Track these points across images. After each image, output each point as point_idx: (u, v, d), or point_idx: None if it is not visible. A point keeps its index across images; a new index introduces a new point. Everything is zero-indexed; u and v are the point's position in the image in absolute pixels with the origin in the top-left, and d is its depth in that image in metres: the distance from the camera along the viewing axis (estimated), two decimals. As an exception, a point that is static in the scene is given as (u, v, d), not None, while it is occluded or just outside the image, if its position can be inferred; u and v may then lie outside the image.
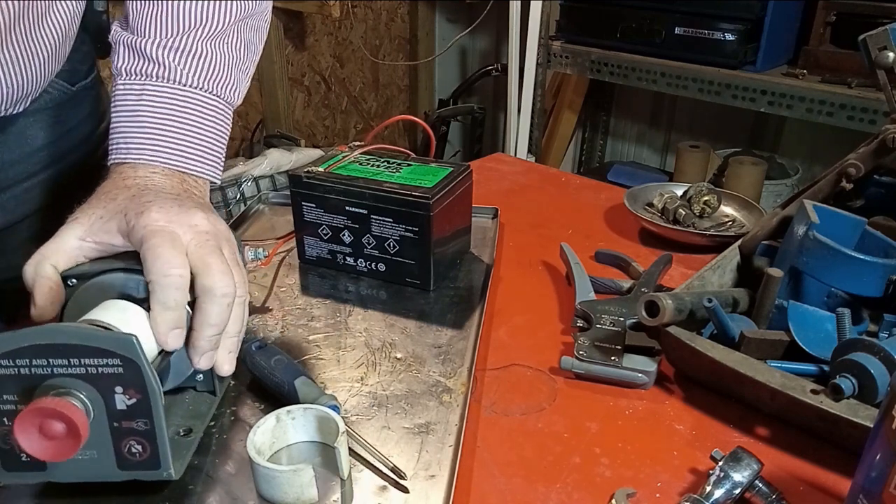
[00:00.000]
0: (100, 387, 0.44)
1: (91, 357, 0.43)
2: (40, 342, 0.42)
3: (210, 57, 0.59)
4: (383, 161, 0.79)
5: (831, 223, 0.65)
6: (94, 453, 0.45)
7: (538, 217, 0.97)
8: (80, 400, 0.43)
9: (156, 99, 0.57)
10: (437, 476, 0.50)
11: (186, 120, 0.58)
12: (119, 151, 0.56)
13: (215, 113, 0.60)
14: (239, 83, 0.63)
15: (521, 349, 0.67)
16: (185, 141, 0.57)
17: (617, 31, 1.99)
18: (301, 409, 0.53)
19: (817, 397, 0.52)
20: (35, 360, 0.43)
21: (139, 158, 0.56)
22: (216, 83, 0.60)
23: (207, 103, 0.59)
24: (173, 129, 0.57)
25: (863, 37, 0.71)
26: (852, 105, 1.62)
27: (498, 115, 2.90)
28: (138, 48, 0.58)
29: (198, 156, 0.58)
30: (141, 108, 0.57)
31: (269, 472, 0.47)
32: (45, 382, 0.43)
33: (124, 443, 0.45)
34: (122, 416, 0.44)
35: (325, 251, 0.79)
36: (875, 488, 0.39)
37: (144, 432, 0.45)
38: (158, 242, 0.48)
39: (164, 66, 0.58)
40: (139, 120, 0.57)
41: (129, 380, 0.43)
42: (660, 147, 2.53)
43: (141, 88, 0.57)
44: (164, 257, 0.47)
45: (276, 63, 2.45)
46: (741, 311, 0.66)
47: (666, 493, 0.51)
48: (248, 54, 0.65)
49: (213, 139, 0.60)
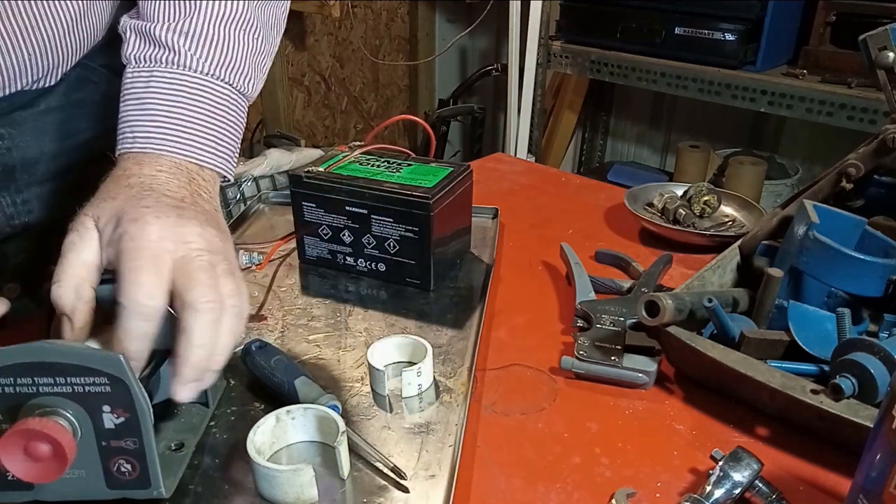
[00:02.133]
0: (87, 405, 0.42)
1: (77, 375, 0.42)
2: (25, 360, 0.41)
3: (224, 42, 0.56)
4: (383, 161, 0.79)
5: (831, 223, 0.65)
6: (82, 472, 0.44)
7: (538, 217, 0.97)
8: (67, 419, 0.42)
9: (164, 86, 0.54)
10: (437, 476, 0.50)
11: (196, 108, 0.55)
12: (125, 141, 0.54)
13: (228, 102, 0.57)
14: (255, 75, 0.59)
15: (521, 349, 0.67)
16: (194, 130, 0.54)
17: (617, 31, 1.99)
18: (301, 408, 0.53)
19: (817, 397, 0.52)
20: (20, 378, 0.41)
21: (146, 148, 0.53)
22: (230, 71, 0.57)
23: (220, 91, 0.56)
24: (182, 118, 0.54)
25: (863, 37, 0.71)
26: (852, 105, 1.62)
27: (498, 115, 2.90)
28: (148, 33, 0.55)
29: (207, 146, 0.55)
30: (149, 95, 0.54)
31: (269, 472, 0.47)
32: (30, 401, 0.42)
33: (113, 462, 0.44)
34: (111, 436, 0.43)
35: (326, 251, 0.79)
36: (875, 488, 0.39)
37: (133, 451, 0.44)
38: (139, 266, 0.45)
39: (174, 52, 0.55)
40: (147, 108, 0.54)
41: (116, 398, 0.42)
42: (660, 147, 2.53)
43: (149, 75, 0.55)
44: (140, 283, 0.44)
45: (276, 63, 2.45)
46: (741, 311, 0.66)
47: (666, 493, 0.51)
48: (264, 45, 0.61)
49: (226, 129, 0.56)
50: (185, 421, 0.54)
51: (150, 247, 0.46)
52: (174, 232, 0.47)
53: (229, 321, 0.48)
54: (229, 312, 0.48)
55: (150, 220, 0.47)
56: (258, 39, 0.60)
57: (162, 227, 0.47)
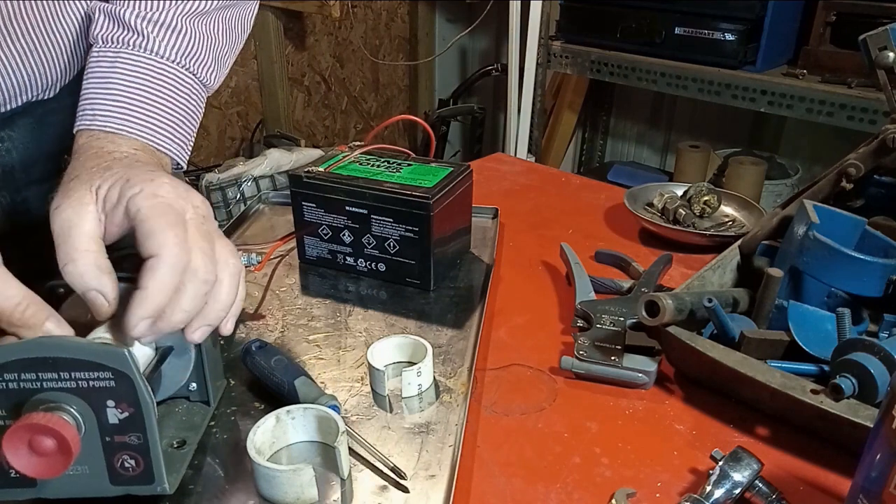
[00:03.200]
0: (91, 401, 0.42)
1: (82, 370, 0.41)
2: (29, 356, 0.41)
3: (189, 34, 0.58)
4: (383, 161, 0.79)
5: (831, 223, 0.65)
6: (85, 468, 0.44)
7: (538, 217, 0.97)
8: (71, 414, 0.42)
9: (129, 67, 0.55)
10: (437, 476, 0.50)
11: (158, 91, 0.56)
12: (85, 117, 0.54)
13: (189, 90, 0.58)
14: (217, 67, 0.61)
15: (521, 349, 0.67)
16: (154, 112, 0.55)
17: (617, 31, 1.99)
18: (301, 408, 0.53)
19: (817, 397, 0.52)
20: (24, 374, 0.41)
21: (105, 126, 0.53)
22: (193, 60, 0.58)
23: (182, 79, 0.57)
24: (143, 99, 0.55)
25: (863, 37, 0.71)
26: (852, 105, 1.62)
27: (498, 115, 2.90)
28: (117, 16, 0.56)
29: (165, 129, 0.56)
30: (113, 75, 0.55)
31: (269, 472, 0.47)
32: (34, 397, 0.42)
33: (117, 457, 0.44)
34: (115, 431, 0.43)
35: (326, 251, 0.79)
36: (875, 488, 0.39)
37: (137, 446, 0.44)
38: (170, 221, 0.45)
39: (142, 36, 0.56)
40: (110, 87, 0.54)
41: (121, 393, 0.42)
42: (660, 147, 2.53)
43: (115, 56, 0.55)
44: (174, 236, 0.44)
45: (276, 63, 2.45)
46: (741, 311, 0.66)
47: (666, 493, 0.51)
48: (227, 40, 0.63)
49: (184, 116, 0.57)
50: (186, 419, 0.54)
51: (173, 204, 0.46)
52: (185, 194, 0.48)
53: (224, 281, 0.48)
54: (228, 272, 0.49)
55: (165, 180, 0.47)
56: (221, 34, 0.61)
57: (174, 186, 0.48)
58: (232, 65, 0.65)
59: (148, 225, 0.45)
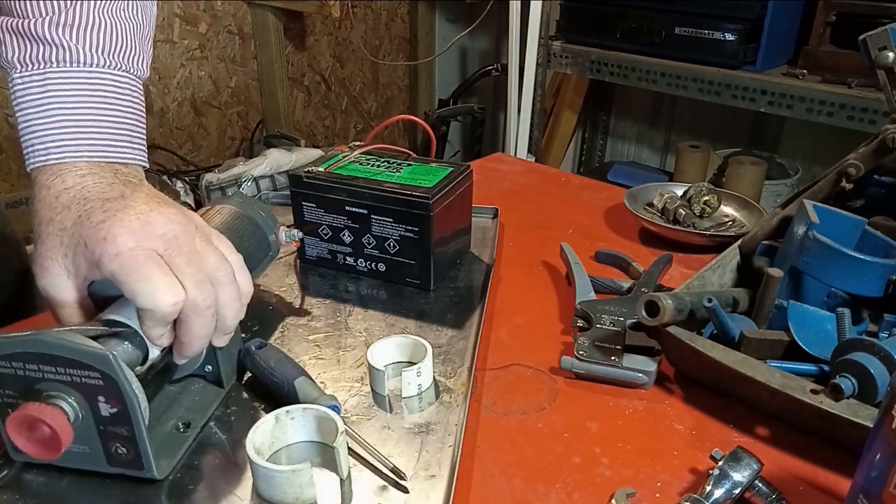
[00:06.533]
0: (85, 394, 0.46)
1: (74, 368, 0.44)
2: (29, 350, 0.44)
3: (108, 27, 0.53)
4: (383, 161, 0.79)
5: (831, 223, 0.65)
6: (85, 448, 0.48)
7: (538, 217, 0.97)
8: (69, 404, 0.45)
9: (62, 87, 0.51)
10: (437, 476, 0.50)
11: (101, 104, 0.52)
12: (37, 154, 0.50)
13: (129, 91, 0.55)
14: (143, 53, 0.57)
15: (521, 349, 0.67)
16: (105, 128, 0.52)
17: (617, 31, 1.99)
18: (301, 409, 0.53)
19: (817, 397, 0.52)
20: (28, 364, 0.45)
21: (62, 157, 0.50)
22: (121, 55, 0.54)
23: (119, 81, 0.54)
24: (90, 117, 0.51)
25: (863, 37, 0.71)
26: (852, 105, 1.62)
27: (498, 115, 2.90)
28: (28, 32, 0.51)
29: (123, 141, 0.53)
30: (48, 100, 0.51)
31: (269, 472, 0.47)
32: (37, 385, 0.45)
33: (111, 444, 0.48)
34: (107, 422, 0.47)
35: (326, 251, 0.79)
36: (875, 488, 0.39)
37: (127, 437, 0.47)
38: (145, 275, 0.45)
39: (63, 48, 0.51)
40: (50, 114, 0.51)
41: (108, 392, 0.45)
42: (660, 147, 2.53)
43: (43, 78, 0.51)
44: (154, 288, 0.45)
45: (276, 63, 2.45)
46: (741, 311, 0.66)
47: (666, 493, 0.51)
48: (144, 18, 0.58)
49: (133, 121, 0.55)
50: (199, 399, 0.56)
51: (138, 252, 0.46)
52: (145, 231, 0.47)
53: (225, 292, 0.50)
54: (222, 282, 0.50)
55: (117, 231, 0.46)
56: (137, 16, 0.57)
57: (130, 232, 0.46)
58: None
59: (128, 287, 0.46)
